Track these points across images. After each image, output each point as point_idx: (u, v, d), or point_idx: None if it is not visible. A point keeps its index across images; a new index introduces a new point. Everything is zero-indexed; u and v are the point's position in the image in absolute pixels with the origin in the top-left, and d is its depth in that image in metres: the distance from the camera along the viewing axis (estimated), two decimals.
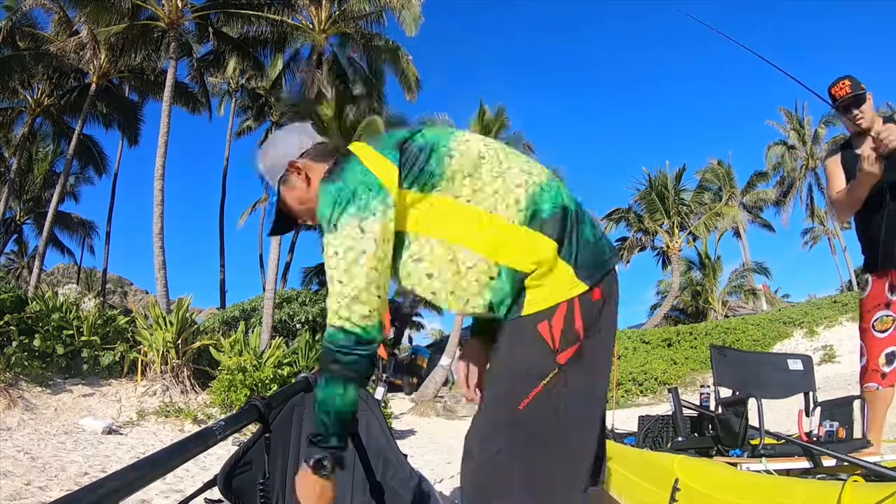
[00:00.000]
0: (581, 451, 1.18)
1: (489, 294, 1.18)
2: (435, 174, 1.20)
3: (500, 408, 1.17)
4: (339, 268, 1.15)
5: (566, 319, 1.14)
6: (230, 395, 8.00)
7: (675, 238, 22.78)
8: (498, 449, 1.14)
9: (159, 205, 13.39)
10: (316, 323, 17.30)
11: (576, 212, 1.21)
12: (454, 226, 1.19)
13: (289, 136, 1.39)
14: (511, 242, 1.17)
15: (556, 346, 1.13)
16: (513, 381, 1.16)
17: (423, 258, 1.20)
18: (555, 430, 1.14)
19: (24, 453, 4.89)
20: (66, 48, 15.20)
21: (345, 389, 1.16)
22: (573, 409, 1.15)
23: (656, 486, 2.14)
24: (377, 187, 1.17)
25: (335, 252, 1.16)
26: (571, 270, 1.16)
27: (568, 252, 1.17)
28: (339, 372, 1.15)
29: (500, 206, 1.18)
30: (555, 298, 1.15)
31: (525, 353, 1.15)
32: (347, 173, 1.20)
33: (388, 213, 1.17)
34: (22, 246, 28.46)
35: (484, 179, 1.20)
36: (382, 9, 16.66)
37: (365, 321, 1.15)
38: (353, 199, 1.16)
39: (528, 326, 1.15)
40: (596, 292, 1.17)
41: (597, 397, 1.22)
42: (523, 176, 1.21)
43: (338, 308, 1.15)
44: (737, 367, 2.73)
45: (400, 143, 1.24)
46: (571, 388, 1.14)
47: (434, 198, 1.20)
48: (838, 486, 1.48)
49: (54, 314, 8.33)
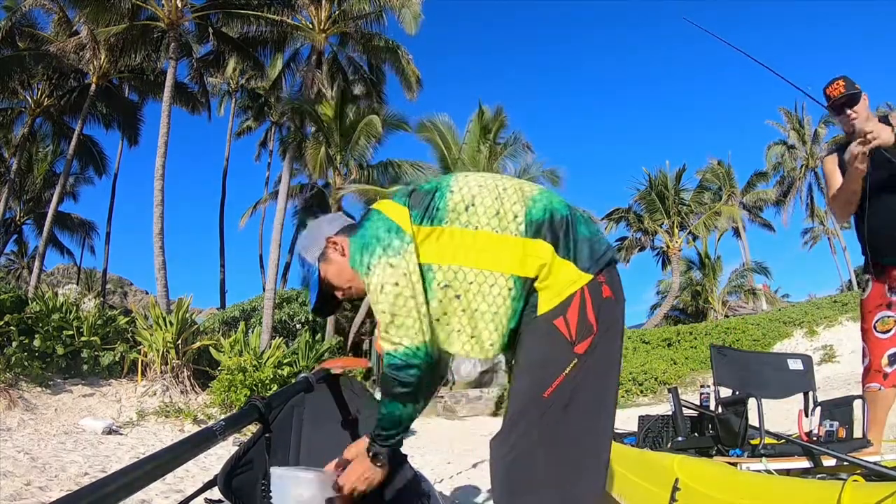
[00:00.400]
0: (604, 440, 1.29)
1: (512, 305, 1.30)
2: (440, 208, 1.35)
3: (526, 397, 1.27)
4: (382, 302, 1.30)
5: (580, 312, 1.26)
6: (230, 395, 8.00)
7: (675, 238, 22.78)
8: (523, 434, 1.24)
9: (159, 205, 13.40)
10: (315, 323, 17.30)
11: (567, 215, 1.34)
12: (468, 251, 1.32)
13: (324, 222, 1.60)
14: (517, 253, 1.30)
15: (572, 337, 1.25)
16: (536, 372, 1.27)
17: (450, 283, 1.33)
18: (576, 416, 1.24)
19: (24, 453, 4.89)
20: (66, 48, 15.19)
21: (404, 406, 1.34)
22: (594, 397, 1.27)
23: (656, 486, 2.14)
24: (395, 228, 1.34)
25: (374, 289, 1.31)
26: (572, 265, 1.29)
27: (565, 250, 1.30)
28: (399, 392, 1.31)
29: (503, 225, 1.32)
30: (565, 292, 1.27)
31: (545, 345, 1.27)
32: (369, 223, 1.38)
33: (409, 249, 1.32)
34: (22, 246, 28.47)
35: (485, 205, 1.34)
36: (382, 8, 16.66)
37: (412, 342, 1.28)
38: (378, 242, 1.33)
39: (545, 323, 1.27)
40: (606, 289, 1.30)
41: (613, 390, 1.32)
42: (517, 194, 1.37)
43: (387, 336, 1.30)
44: (737, 367, 2.73)
45: (410, 191, 1.43)
46: (591, 377, 1.25)
47: (444, 229, 1.34)
48: (838, 486, 1.48)
49: (54, 314, 8.33)
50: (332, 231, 1.51)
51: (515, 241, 1.30)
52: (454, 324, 1.34)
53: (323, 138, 17.36)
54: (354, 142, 17.28)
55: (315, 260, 1.50)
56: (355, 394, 1.87)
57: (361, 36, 17.27)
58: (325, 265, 1.49)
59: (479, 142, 18.50)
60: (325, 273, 1.49)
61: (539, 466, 1.22)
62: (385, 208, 1.40)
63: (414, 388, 1.30)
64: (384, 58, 17.86)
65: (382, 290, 1.29)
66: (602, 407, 1.28)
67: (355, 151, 17.69)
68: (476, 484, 4.61)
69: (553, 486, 1.21)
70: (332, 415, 1.80)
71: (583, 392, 1.24)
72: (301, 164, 18.01)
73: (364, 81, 18.65)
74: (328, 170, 17.90)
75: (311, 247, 1.52)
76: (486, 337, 1.33)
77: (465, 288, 1.32)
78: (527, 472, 1.23)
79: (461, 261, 1.32)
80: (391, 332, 1.29)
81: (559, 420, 1.23)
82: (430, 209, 1.35)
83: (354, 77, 18.70)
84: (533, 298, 1.29)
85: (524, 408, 1.26)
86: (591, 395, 1.26)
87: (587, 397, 1.25)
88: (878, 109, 2.71)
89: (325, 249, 1.49)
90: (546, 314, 1.27)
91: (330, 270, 1.49)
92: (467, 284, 1.31)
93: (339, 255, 1.47)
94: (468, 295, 1.32)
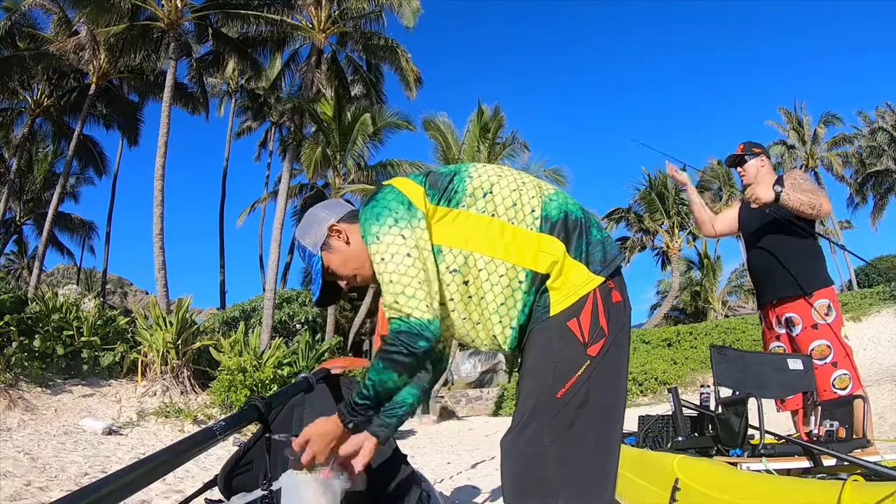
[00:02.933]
0: (613, 440, 1.26)
1: (522, 298, 1.28)
2: (458, 191, 1.33)
3: (538, 397, 1.24)
4: (388, 270, 1.25)
5: (592, 314, 1.25)
6: (230, 395, 7.99)
7: (675, 238, 22.78)
8: (534, 436, 1.21)
9: (159, 205, 13.40)
10: (315, 323, 17.30)
11: (581, 217, 1.34)
12: (481, 237, 1.30)
13: (324, 209, 1.50)
14: (531, 247, 1.29)
15: (585, 339, 1.24)
16: (549, 372, 1.24)
17: (459, 268, 1.31)
18: (588, 418, 1.22)
19: (24, 454, 4.89)
20: (66, 48, 15.18)
21: (399, 377, 1.26)
22: (605, 400, 1.25)
23: (656, 486, 2.14)
24: (409, 203, 1.31)
25: (382, 258, 1.26)
26: (584, 267, 1.28)
27: (578, 251, 1.29)
28: (399, 360, 1.23)
29: (519, 217, 1.31)
30: (577, 294, 1.26)
31: (558, 346, 1.25)
32: (381, 196, 1.34)
33: (421, 224, 1.29)
34: (22, 247, 28.45)
35: (503, 195, 1.33)
36: (381, 7, 16.67)
37: (422, 315, 1.22)
38: (390, 213, 1.29)
39: (558, 324, 1.26)
40: (616, 294, 1.30)
41: (622, 395, 1.31)
42: (536, 190, 1.36)
43: (392, 303, 1.24)
44: (737, 367, 2.72)
45: (427, 172, 1.41)
46: (601, 380, 1.24)
47: (460, 212, 1.32)
48: (838, 486, 1.48)
49: (54, 315, 8.32)
50: (335, 218, 1.43)
51: (530, 234, 1.29)
52: (460, 310, 1.32)
53: (322, 138, 17.36)
54: (353, 141, 17.28)
55: (317, 249, 1.42)
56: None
57: (361, 35, 17.27)
58: (328, 254, 1.42)
59: (479, 141, 18.53)
60: (329, 262, 1.42)
61: (549, 470, 1.20)
62: (400, 184, 1.36)
63: (417, 361, 1.24)
64: (383, 57, 17.86)
65: (392, 260, 1.24)
66: (613, 412, 1.27)
67: (354, 151, 17.70)
68: (476, 484, 4.62)
69: (562, 492, 1.18)
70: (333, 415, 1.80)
71: (595, 395, 1.23)
72: (301, 164, 18.01)
73: (363, 81, 18.65)
74: (328, 170, 17.90)
75: (312, 235, 1.44)
76: (491, 327, 1.31)
77: (475, 274, 1.30)
78: (536, 474, 1.20)
79: (473, 246, 1.30)
80: (401, 301, 1.22)
81: (572, 422, 1.21)
82: (448, 191, 1.33)
83: (354, 77, 18.70)
84: (545, 299, 1.28)
85: (536, 407, 1.24)
86: (603, 400, 1.24)
87: (600, 401, 1.23)
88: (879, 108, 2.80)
89: (328, 238, 1.41)
90: (559, 315, 1.26)
91: (333, 260, 1.42)
92: (476, 271, 1.29)
93: (343, 243, 1.40)
94: (477, 282, 1.30)
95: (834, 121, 30.74)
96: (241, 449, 1.62)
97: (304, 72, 17.16)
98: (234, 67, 19.11)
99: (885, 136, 30.20)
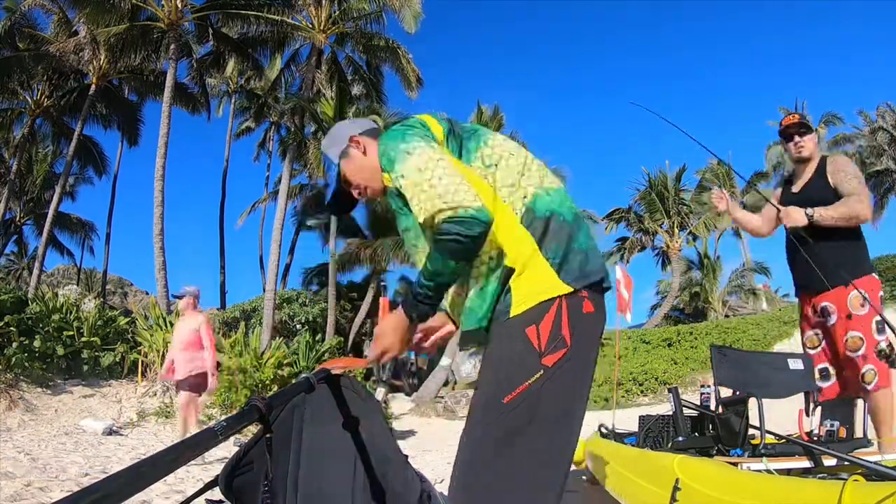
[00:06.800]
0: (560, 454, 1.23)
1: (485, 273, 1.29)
2: (471, 149, 1.36)
3: (486, 397, 1.25)
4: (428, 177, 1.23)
5: (553, 324, 1.22)
6: (230, 395, 8.00)
7: (675, 238, 22.78)
8: (481, 438, 1.22)
9: (159, 205, 13.41)
10: (316, 324, 17.30)
11: (570, 221, 1.32)
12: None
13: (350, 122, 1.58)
14: (509, 230, 1.27)
15: (542, 348, 1.21)
16: (499, 377, 1.24)
17: None
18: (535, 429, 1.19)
19: (24, 454, 4.89)
20: (66, 49, 15.20)
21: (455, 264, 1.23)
22: (554, 412, 1.21)
23: (656, 486, 2.14)
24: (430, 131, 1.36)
25: (419, 169, 1.25)
26: (552, 272, 1.25)
27: (554, 253, 1.26)
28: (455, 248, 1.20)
29: (512, 198, 1.31)
30: (536, 297, 1.23)
31: (512, 351, 1.23)
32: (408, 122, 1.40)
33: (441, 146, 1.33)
34: (22, 247, 28.45)
35: (505, 172, 1.33)
36: (382, 8, 16.66)
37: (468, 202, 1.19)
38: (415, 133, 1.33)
39: (516, 328, 1.24)
40: (587, 304, 1.26)
41: (580, 407, 1.27)
42: (537, 177, 1.35)
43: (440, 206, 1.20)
44: (737, 367, 2.72)
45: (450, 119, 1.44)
46: (554, 392, 1.21)
47: (467, 168, 1.33)
48: (839, 486, 1.48)
49: (54, 315, 8.34)
50: (357, 130, 1.51)
51: (512, 218, 1.29)
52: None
53: (323, 138, 17.36)
54: None
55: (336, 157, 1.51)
56: (356, 394, 1.87)
57: (361, 35, 17.27)
58: (345, 161, 1.49)
59: None
60: (344, 169, 1.49)
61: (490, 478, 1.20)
62: (424, 118, 1.41)
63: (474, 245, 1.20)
64: (384, 57, 17.86)
65: (428, 167, 1.24)
66: (565, 423, 1.23)
67: None
68: None
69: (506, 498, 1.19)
70: (333, 415, 1.80)
71: (546, 406, 1.20)
72: (301, 164, 18.01)
73: (364, 81, 18.65)
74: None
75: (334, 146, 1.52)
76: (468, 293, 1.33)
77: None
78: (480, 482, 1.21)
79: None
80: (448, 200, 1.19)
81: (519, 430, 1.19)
82: (463, 143, 1.37)
83: (354, 77, 18.70)
84: (507, 298, 1.26)
85: (483, 408, 1.25)
86: (555, 411, 1.21)
87: (551, 412, 1.20)
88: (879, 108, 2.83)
89: (347, 147, 1.49)
90: (518, 317, 1.24)
91: (349, 167, 1.48)
92: None
93: (360, 153, 1.47)
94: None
95: (834, 121, 30.76)
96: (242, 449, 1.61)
97: (304, 72, 17.16)
98: (234, 67, 19.10)
99: (885, 135, 30.22)
